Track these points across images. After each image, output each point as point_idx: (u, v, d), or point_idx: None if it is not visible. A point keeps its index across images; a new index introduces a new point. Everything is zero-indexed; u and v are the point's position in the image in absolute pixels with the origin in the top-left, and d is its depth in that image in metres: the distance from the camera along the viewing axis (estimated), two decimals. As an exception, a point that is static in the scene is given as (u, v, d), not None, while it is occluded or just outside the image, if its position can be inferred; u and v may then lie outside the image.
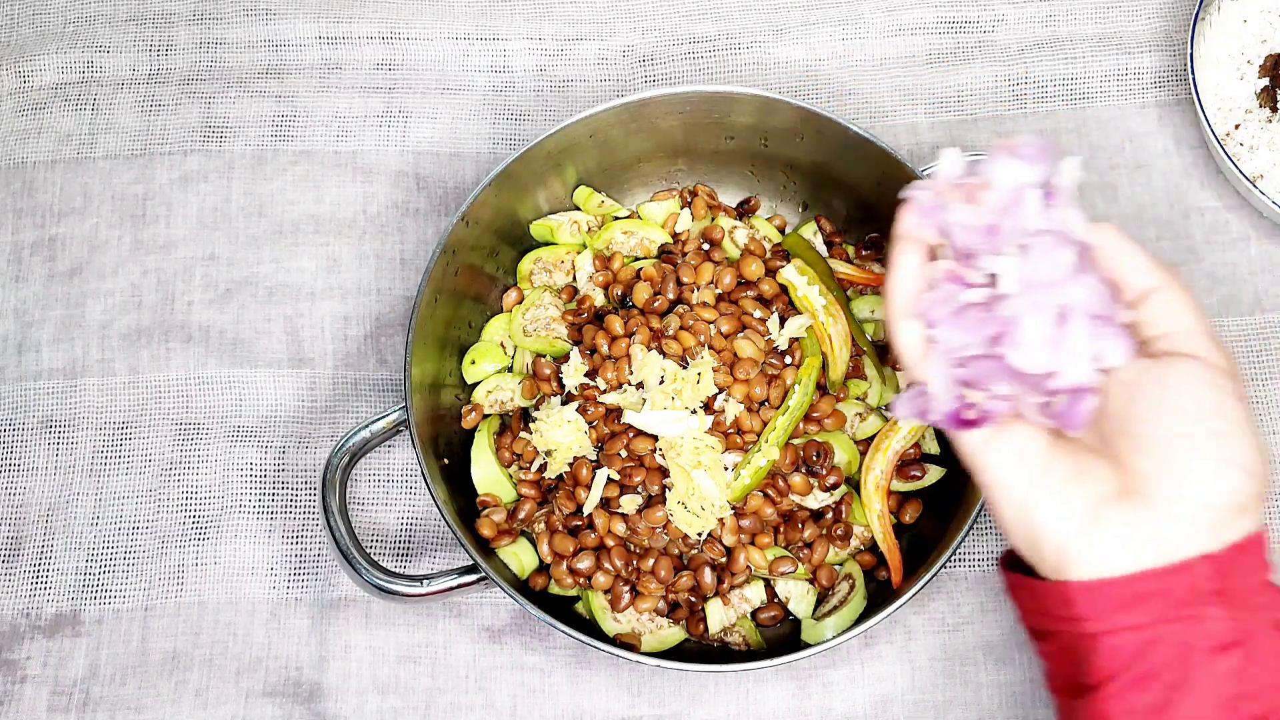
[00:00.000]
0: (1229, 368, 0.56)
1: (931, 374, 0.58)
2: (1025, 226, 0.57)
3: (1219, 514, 0.53)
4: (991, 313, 0.57)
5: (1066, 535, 0.54)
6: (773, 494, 0.77)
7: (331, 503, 0.73)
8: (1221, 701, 0.53)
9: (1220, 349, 0.56)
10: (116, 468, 0.84)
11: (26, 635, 0.80)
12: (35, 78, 0.94)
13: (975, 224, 0.58)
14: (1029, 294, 0.56)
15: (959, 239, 0.58)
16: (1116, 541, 0.54)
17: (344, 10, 0.95)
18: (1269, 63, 0.90)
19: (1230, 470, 0.54)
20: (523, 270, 0.85)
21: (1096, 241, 0.58)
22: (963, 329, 0.57)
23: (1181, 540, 0.53)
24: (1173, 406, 0.54)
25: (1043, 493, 0.55)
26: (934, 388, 0.58)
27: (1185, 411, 0.54)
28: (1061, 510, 0.55)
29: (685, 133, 0.84)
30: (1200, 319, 0.57)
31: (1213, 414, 0.54)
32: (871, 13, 0.95)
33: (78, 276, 0.88)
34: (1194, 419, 0.54)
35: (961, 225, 0.58)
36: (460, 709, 0.79)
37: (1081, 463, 0.56)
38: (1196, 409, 0.54)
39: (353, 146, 0.92)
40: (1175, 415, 0.54)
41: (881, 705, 0.78)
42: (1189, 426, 0.54)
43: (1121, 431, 0.55)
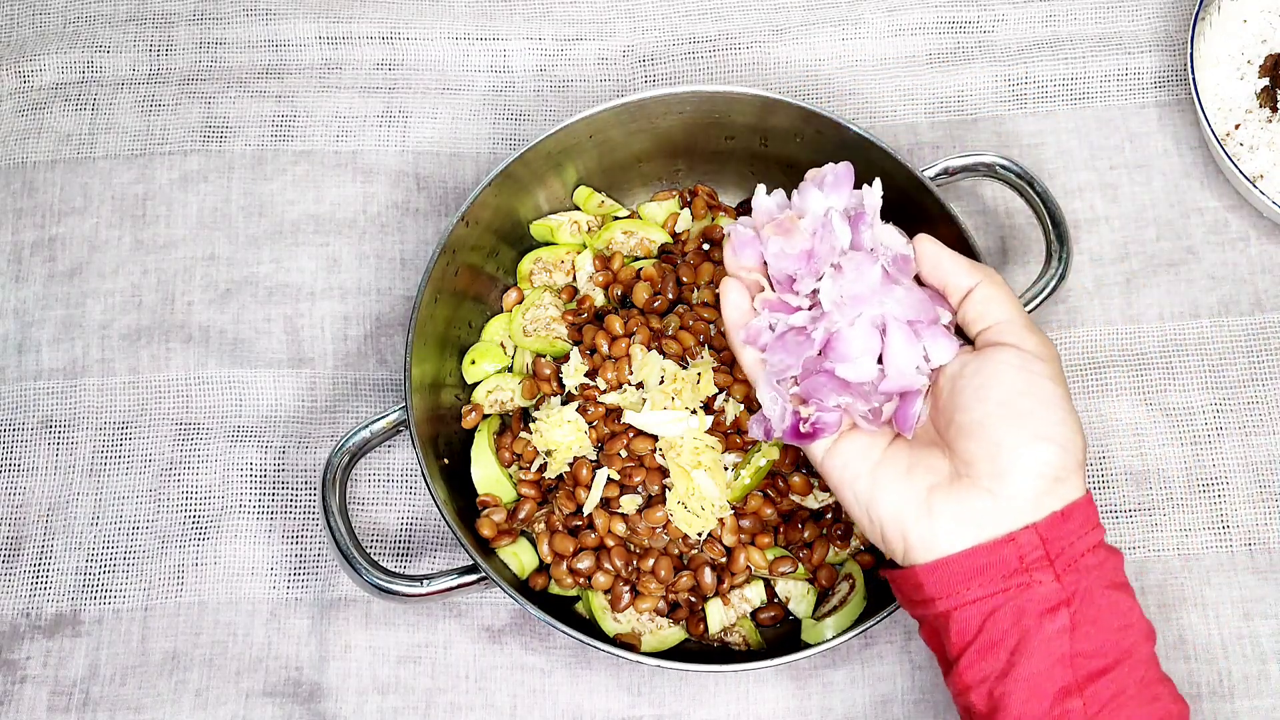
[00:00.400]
0: (1043, 351, 0.61)
1: (763, 395, 0.65)
2: (836, 248, 0.63)
3: (1037, 486, 0.58)
4: (813, 331, 0.62)
5: (905, 524, 0.60)
6: (773, 494, 0.77)
7: (331, 503, 0.73)
8: (1058, 659, 0.57)
9: (1036, 335, 0.62)
10: (116, 468, 0.84)
11: (26, 635, 0.80)
12: (35, 78, 0.94)
13: (791, 252, 0.64)
14: (846, 309, 0.62)
15: (778, 267, 0.64)
16: (950, 523, 0.59)
17: (344, 10, 0.95)
18: (1269, 63, 0.90)
19: (1041, 445, 0.59)
20: (523, 270, 0.85)
21: (915, 251, 0.64)
22: (785, 351, 0.63)
23: (1007, 514, 0.59)
24: (988, 393, 0.60)
25: (879, 489, 0.61)
26: (767, 409, 0.64)
27: (999, 395, 0.59)
28: (898, 502, 0.61)
29: (685, 133, 0.84)
30: (1015, 310, 0.63)
31: (1023, 395, 0.59)
32: (871, 13, 0.95)
33: (78, 276, 0.88)
34: (1006, 401, 0.59)
35: (777, 255, 0.64)
36: (460, 709, 0.79)
37: (916, 456, 0.62)
38: (1009, 391, 0.59)
39: (353, 146, 0.92)
40: (990, 400, 0.59)
41: (881, 705, 0.78)
42: (1002, 409, 0.59)
43: (949, 421, 0.61)
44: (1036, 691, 0.58)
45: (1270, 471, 0.82)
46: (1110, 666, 0.58)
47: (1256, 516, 0.81)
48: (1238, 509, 0.81)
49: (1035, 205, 0.81)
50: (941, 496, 0.60)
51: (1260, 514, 0.81)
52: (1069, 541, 0.59)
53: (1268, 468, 0.82)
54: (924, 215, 0.79)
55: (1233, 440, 0.83)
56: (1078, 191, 0.89)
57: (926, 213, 0.79)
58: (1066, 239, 0.80)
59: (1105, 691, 0.58)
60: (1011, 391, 0.60)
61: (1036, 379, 0.60)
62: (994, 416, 0.59)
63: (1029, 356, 0.61)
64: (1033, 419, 0.59)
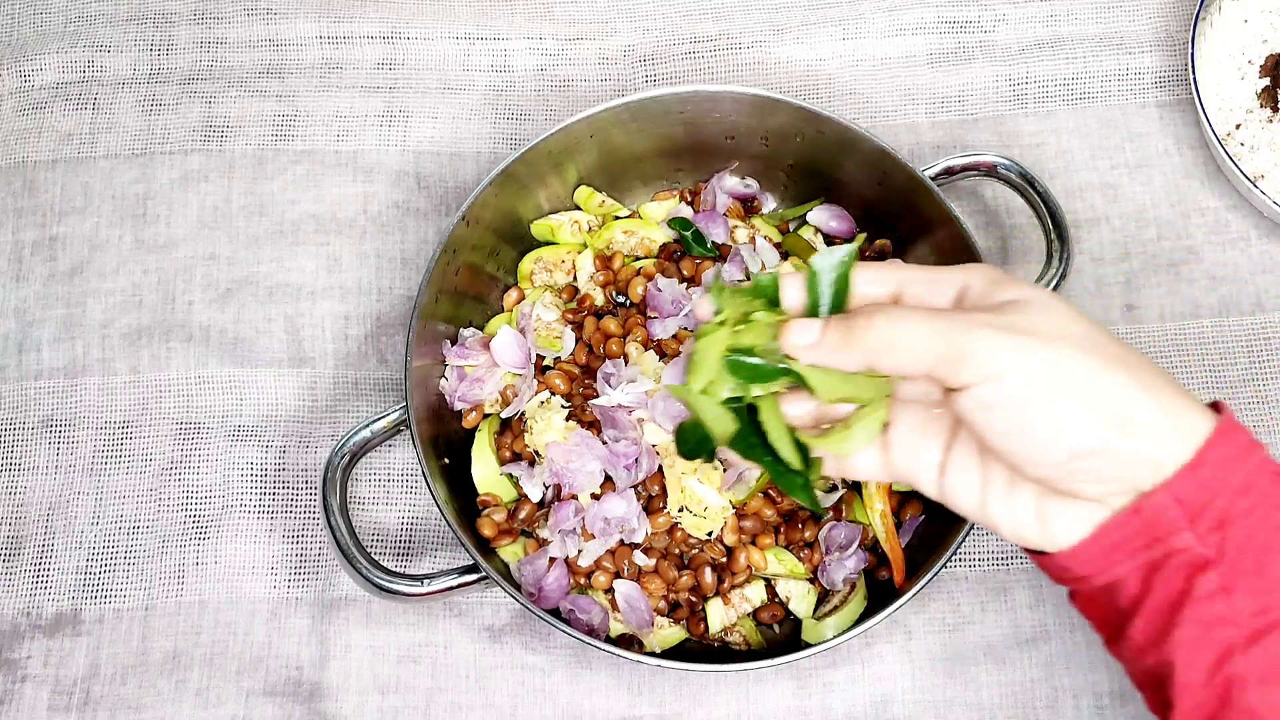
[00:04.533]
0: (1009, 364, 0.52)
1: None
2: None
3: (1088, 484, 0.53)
4: None
5: (1028, 535, 0.56)
6: (774, 494, 0.77)
7: (332, 502, 0.73)
8: (1215, 620, 0.53)
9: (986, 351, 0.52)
10: (117, 467, 0.84)
11: (27, 635, 0.80)
12: (36, 77, 0.94)
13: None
14: None
15: None
16: (1066, 521, 0.55)
17: (345, 10, 0.95)
18: (1270, 63, 0.90)
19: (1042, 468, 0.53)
20: (523, 270, 0.85)
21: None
22: None
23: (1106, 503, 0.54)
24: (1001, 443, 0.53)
25: (993, 514, 0.57)
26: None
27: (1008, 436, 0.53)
28: (1013, 521, 0.56)
29: (685, 133, 0.84)
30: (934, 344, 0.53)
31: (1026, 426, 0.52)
32: (872, 13, 0.95)
33: (78, 276, 0.88)
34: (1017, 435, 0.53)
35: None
36: (460, 709, 0.79)
37: (1011, 475, 0.56)
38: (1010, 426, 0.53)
39: (353, 146, 0.92)
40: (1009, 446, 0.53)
41: (881, 705, 0.78)
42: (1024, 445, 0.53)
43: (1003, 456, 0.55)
44: (1197, 656, 0.53)
45: (1271, 471, 0.82)
46: (1277, 622, 0.52)
47: (1257, 516, 0.81)
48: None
49: (1036, 205, 0.81)
50: (1050, 508, 0.55)
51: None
52: (1212, 490, 0.52)
53: (1268, 468, 0.82)
54: (924, 216, 0.79)
55: (1233, 440, 0.83)
56: (1078, 191, 0.89)
57: (926, 213, 0.79)
58: (1067, 239, 0.80)
59: (1273, 651, 0.52)
60: (1007, 438, 0.53)
61: (1011, 410, 0.52)
62: (1021, 464, 0.53)
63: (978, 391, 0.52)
64: (1044, 447, 0.52)
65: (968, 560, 0.81)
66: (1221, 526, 0.53)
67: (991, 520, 0.57)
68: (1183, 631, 0.53)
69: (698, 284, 0.81)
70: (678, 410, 0.75)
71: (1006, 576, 0.80)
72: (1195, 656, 0.53)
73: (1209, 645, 0.53)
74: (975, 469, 0.57)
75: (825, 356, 0.54)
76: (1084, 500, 0.54)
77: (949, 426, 0.58)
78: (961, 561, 0.81)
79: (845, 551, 0.76)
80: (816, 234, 0.85)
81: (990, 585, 0.80)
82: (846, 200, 0.85)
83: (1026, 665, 0.78)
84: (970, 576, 0.81)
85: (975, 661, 0.79)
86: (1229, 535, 0.53)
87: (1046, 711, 0.78)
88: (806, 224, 0.86)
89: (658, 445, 0.76)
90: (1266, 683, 0.53)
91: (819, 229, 0.85)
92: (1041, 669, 0.78)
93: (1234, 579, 0.53)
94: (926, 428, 0.58)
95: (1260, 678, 0.53)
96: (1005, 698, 0.78)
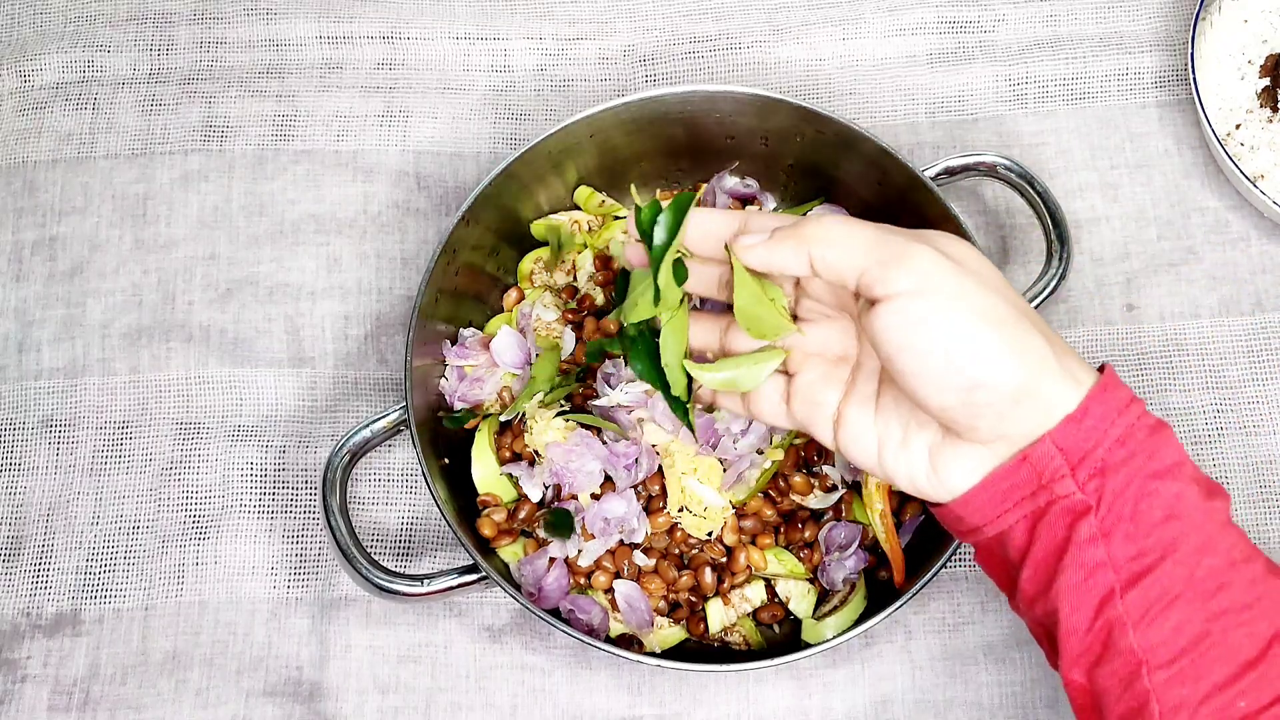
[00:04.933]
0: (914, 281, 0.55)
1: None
2: None
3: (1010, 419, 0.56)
4: None
5: (922, 485, 0.60)
6: (774, 494, 0.77)
7: (332, 502, 0.73)
8: (1095, 566, 0.56)
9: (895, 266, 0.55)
10: (117, 467, 0.84)
11: (27, 635, 0.80)
12: (36, 77, 0.94)
13: None
14: None
15: None
16: (959, 474, 0.58)
17: (345, 10, 0.95)
18: (1270, 63, 0.90)
19: (977, 391, 0.55)
20: (523, 270, 0.85)
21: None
22: None
23: (1006, 446, 0.57)
24: (896, 367, 0.57)
25: (888, 465, 0.61)
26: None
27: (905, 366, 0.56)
28: (908, 472, 0.60)
29: (685, 133, 0.84)
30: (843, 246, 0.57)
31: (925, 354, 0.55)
32: (872, 13, 0.95)
33: (78, 276, 0.88)
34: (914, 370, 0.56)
35: None
36: (460, 709, 0.79)
37: (908, 419, 0.60)
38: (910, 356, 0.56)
39: (353, 146, 0.92)
40: (903, 373, 0.57)
41: (881, 705, 0.78)
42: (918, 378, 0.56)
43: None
44: (1080, 601, 0.56)
45: (1270, 471, 0.82)
46: (1153, 566, 0.55)
47: (1256, 516, 0.81)
48: (1238, 509, 0.81)
49: (1036, 205, 0.81)
50: (942, 458, 0.59)
51: (1260, 514, 0.81)
52: (1093, 439, 0.56)
53: (1268, 468, 0.82)
54: (924, 215, 0.79)
55: (1233, 440, 0.83)
56: (1078, 191, 0.89)
57: (926, 213, 0.79)
58: (1067, 239, 0.80)
59: (1149, 594, 0.55)
60: (918, 356, 0.55)
61: (929, 327, 0.55)
62: (923, 390, 0.56)
63: (904, 301, 0.55)
64: (951, 371, 0.55)
65: (968, 560, 0.81)
66: (1100, 474, 0.56)
67: (888, 470, 0.61)
68: (1065, 578, 0.56)
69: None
70: None
71: (1006, 576, 0.80)
72: (1078, 602, 0.56)
73: (1090, 590, 0.56)
74: (871, 422, 0.61)
75: (770, 253, 0.58)
76: (975, 444, 0.57)
77: (847, 380, 0.62)
78: (961, 561, 0.81)
79: (845, 551, 0.76)
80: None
81: (990, 585, 0.80)
82: (846, 200, 0.85)
83: (1026, 665, 0.78)
84: (970, 576, 0.80)
85: (975, 661, 0.79)
86: (1107, 483, 0.55)
87: (1046, 711, 0.78)
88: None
89: (658, 445, 0.76)
90: (1142, 625, 0.55)
91: None
92: (1041, 669, 0.78)
93: (1112, 525, 0.55)
94: (828, 380, 0.62)
95: (1136, 621, 0.55)
96: (1005, 698, 0.78)
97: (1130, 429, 0.56)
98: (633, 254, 0.64)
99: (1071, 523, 0.56)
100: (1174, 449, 0.57)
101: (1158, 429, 0.57)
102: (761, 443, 0.75)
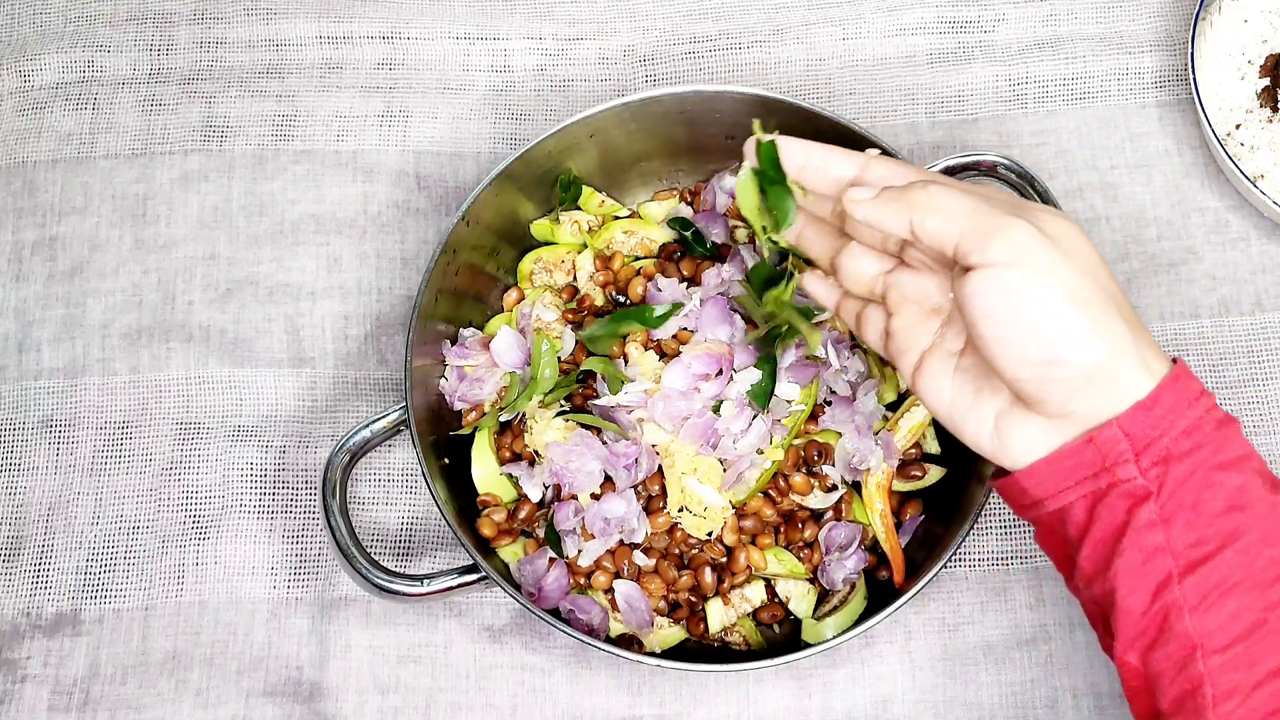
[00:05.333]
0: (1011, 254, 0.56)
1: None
2: None
3: (1081, 400, 0.57)
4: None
5: (985, 445, 0.61)
6: (774, 494, 0.77)
7: (332, 502, 0.73)
8: (1154, 550, 0.57)
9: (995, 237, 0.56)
10: (117, 467, 0.84)
11: (27, 635, 0.80)
12: (36, 77, 0.94)
13: None
14: None
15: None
16: (1019, 440, 0.60)
17: (345, 10, 0.95)
18: (1269, 63, 0.90)
19: (1056, 368, 0.56)
20: (523, 270, 0.85)
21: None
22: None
23: (1071, 426, 0.58)
24: (981, 331, 0.57)
25: (956, 419, 0.62)
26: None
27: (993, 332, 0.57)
28: (975, 430, 0.61)
29: (686, 132, 0.84)
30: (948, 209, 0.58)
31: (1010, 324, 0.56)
32: (872, 13, 0.95)
33: (78, 276, 0.88)
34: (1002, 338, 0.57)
35: None
36: (460, 709, 0.79)
37: (983, 378, 0.61)
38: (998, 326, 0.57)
39: (353, 146, 0.92)
40: (988, 341, 0.57)
41: (881, 705, 0.78)
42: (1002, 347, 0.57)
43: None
44: (1137, 584, 0.57)
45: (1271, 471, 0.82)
46: (1213, 554, 0.56)
47: (1257, 516, 0.81)
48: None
49: (1036, 205, 0.81)
50: (1007, 424, 0.60)
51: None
52: (1160, 428, 0.56)
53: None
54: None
55: (1233, 440, 0.83)
56: (1078, 191, 0.89)
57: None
58: (1067, 239, 0.80)
59: (1207, 580, 0.56)
60: (1001, 325, 0.56)
61: (1016, 298, 0.56)
62: (1001, 358, 0.57)
63: (996, 271, 0.56)
64: (1031, 344, 0.56)
65: (968, 560, 0.81)
66: (1164, 463, 0.56)
67: (956, 424, 0.62)
68: (1123, 560, 0.57)
69: (698, 284, 0.81)
70: (677, 410, 0.75)
71: (1006, 576, 0.80)
72: (1135, 584, 0.57)
73: (1148, 574, 0.57)
74: (949, 376, 0.62)
75: (875, 210, 0.60)
76: (1040, 417, 0.59)
77: (938, 330, 0.63)
78: (961, 561, 0.81)
79: (845, 551, 0.76)
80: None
81: (990, 585, 0.80)
82: (846, 200, 0.85)
83: (1026, 665, 0.78)
84: (970, 576, 0.81)
85: (975, 661, 0.79)
86: (1170, 471, 0.56)
87: (1046, 711, 0.78)
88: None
89: (658, 445, 0.76)
90: (1199, 610, 0.56)
91: None
92: (1041, 669, 0.78)
93: (1172, 512, 0.56)
94: (919, 327, 0.64)
95: (1194, 606, 0.56)
96: (1005, 698, 0.78)
97: (1198, 421, 0.57)
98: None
99: (1131, 506, 0.57)
100: (1240, 443, 0.58)
101: (1226, 423, 0.58)
102: (761, 443, 0.75)
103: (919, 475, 0.79)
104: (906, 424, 0.78)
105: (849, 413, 0.77)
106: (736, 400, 0.75)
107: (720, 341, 0.77)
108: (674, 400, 0.75)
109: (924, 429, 0.79)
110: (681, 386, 0.75)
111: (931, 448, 0.81)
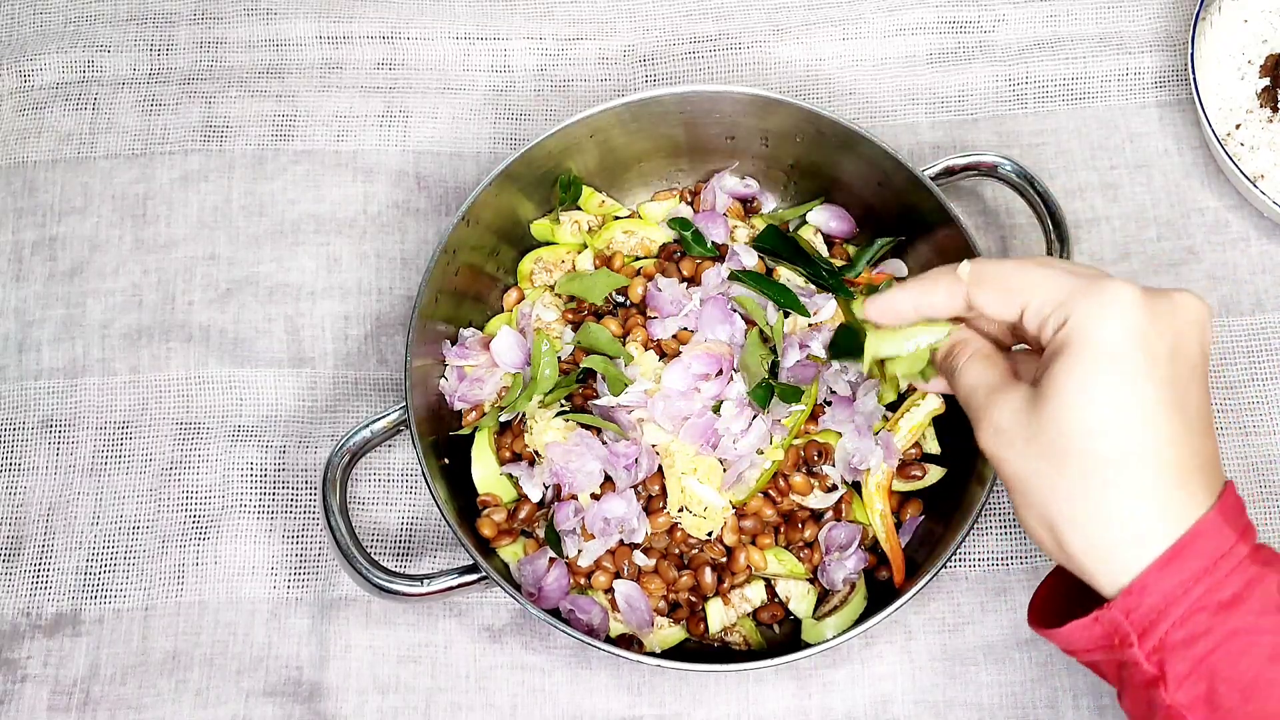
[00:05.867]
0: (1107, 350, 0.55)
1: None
2: None
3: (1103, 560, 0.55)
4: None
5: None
6: (774, 494, 0.77)
7: (332, 502, 0.73)
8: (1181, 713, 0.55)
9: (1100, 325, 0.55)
10: (117, 468, 0.84)
11: (27, 635, 0.80)
12: (36, 77, 0.94)
13: None
14: None
15: None
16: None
17: (345, 10, 0.95)
18: (1270, 63, 0.90)
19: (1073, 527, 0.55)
20: (523, 270, 0.85)
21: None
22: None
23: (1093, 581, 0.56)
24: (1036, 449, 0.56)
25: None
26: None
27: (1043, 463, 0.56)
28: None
29: (686, 132, 0.84)
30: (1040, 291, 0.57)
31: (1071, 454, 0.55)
32: (872, 13, 0.95)
33: (78, 276, 0.88)
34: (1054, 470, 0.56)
35: None
36: (460, 709, 0.79)
37: None
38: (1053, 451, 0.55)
39: (353, 146, 0.92)
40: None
41: (881, 705, 0.78)
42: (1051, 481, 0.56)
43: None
44: None
45: (1270, 471, 0.82)
46: None
47: (1257, 516, 0.81)
48: (1238, 509, 0.81)
49: (1036, 205, 0.81)
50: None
51: (1260, 514, 0.81)
52: (1159, 607, 0.54)
53: (1268, 468, 0.82)
54: (924, 216, 0.79)
55: (1233, 440, 0.83)
56: (1078, 191, 0.89)
57: (927, 213, 0.79)
58: (1067, 239, 0.80)
59: None
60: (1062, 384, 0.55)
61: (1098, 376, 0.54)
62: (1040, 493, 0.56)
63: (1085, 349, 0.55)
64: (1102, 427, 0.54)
65: (968, 560, 0.81)
66: (1160, 651, 0.55)
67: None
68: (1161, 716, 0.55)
69: (697, 284, 0.81)
70: (677, 410, 0.75)
71: (1006, 576, 0.80)
72: None
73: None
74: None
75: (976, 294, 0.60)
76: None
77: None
78: (961, 561, 0.81)
79: (845, 551, 0.76)
80: (816, 234, 0.85)
81: (990, 585, 0.80)
82: (846, 200, 0.85)
83: (1026, 665, 0.78)
84: (970, 576, 0.81)
85: (975, 662, 0.79)
86: (1168, 663, 0.54)
87: (1046, 711, 0.78)
88: (806, 224, 0.86)
89: (658, 445, 0.76)
90: None
91: (819, 229, 0.85)
92: (1041, 669, 0.78)
93: (1190, 699, 0.54)
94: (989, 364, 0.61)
95: None
96: (1005, 698, 0.78)
97: (1194, 609, 0.54)
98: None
99: (1148, 685, 0.55)
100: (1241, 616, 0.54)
101: (1230, 605, 0.54)
102: (761, 443, 0.75)
103: (919, 475, 0.79)
104: (906, 424, 0.78)
105: (849, 413, 0.77)
106: (736, 400, 0.75)
107: (720, 341, 0.77)
108: (674, 400, 0.75)
109: (924, 429, 0.79)
110: (681, 386, 0.75)
111: (931, 448, 0.81)
